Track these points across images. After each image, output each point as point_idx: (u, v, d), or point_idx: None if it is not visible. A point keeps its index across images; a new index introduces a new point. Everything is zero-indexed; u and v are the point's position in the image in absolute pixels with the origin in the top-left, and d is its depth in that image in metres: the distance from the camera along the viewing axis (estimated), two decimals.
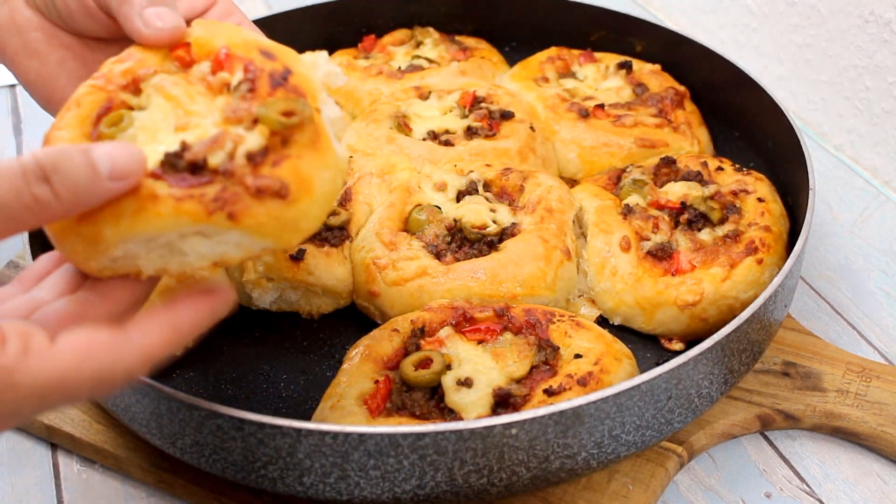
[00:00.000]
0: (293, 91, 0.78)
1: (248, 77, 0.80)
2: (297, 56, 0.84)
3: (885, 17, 1.44)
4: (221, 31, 0.85)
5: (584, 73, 1.53)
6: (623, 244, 1.16)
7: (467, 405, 0.96)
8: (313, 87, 0.81)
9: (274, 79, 0.79)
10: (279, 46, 0.83)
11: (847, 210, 1.47)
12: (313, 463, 0.87)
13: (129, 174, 0.71)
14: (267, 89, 0.78)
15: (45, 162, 0.67)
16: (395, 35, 1.65)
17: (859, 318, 1.28)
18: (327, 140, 0.79)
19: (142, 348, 0.73)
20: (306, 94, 0.79)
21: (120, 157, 0.71)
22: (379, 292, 1.14)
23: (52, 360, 0.68)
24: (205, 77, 0.82)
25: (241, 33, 0.84)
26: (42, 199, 0.67)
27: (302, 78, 0.80)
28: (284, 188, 0.74)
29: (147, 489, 1.05)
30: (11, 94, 1.78)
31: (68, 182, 0.68)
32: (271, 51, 0.82)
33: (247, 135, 0.76)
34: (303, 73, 0.81)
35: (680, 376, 0.92)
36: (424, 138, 1.34)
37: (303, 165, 0.76)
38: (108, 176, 0.70)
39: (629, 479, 1.01)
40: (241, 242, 0.76)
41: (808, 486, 1.06)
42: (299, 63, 0.82)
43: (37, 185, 0.67)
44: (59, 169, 0.68)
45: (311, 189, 0.76)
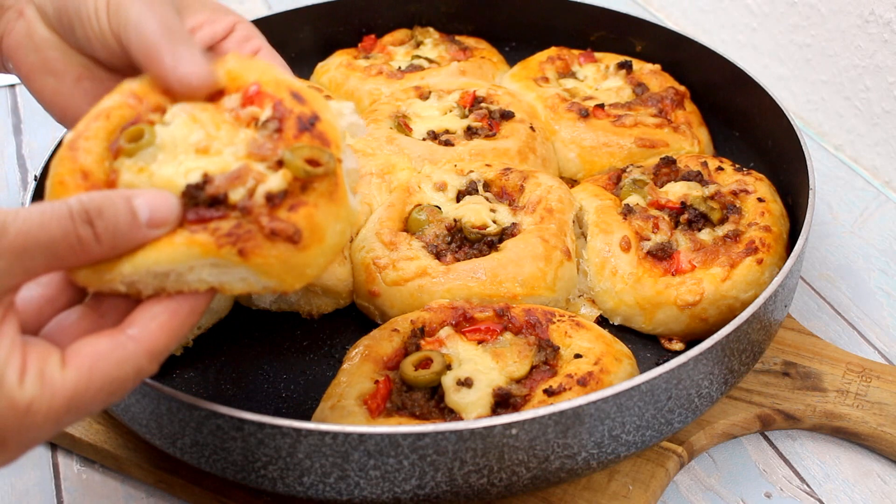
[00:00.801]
0: (319, 138, 0.79)
1: (277, 116, 0.80)
2: (325, 102, 0.84)
3: (885, 17, 1.44)
4: (255, 68, 0.85)
5: (584, 73, 1.53)
6: (623, 244, 1.16)
7: (467, 405, 0.96)
8: (337, 137, 0.81)
9: (302, 123, 0.79)
10: (309, 90, 0.83)
11: (847, 210, 1.47)
12: (313, 463, 0.87)
13: (165, 223, 0.75)
14: (294, 132, 0.79)
15: (90, 207, 0.71)
16: (395, 35, 1.65)
17: (859, 318, 1.28)
18: (344, 192, 0.80)
19: (145, 344, 0.74)
20: (331, 142, 0.80)
21: (159, 207, 0.74)
22: (379, 292, 1.14)
23: (63, 386, 0.70)
24: (233, 109, 0.83)
25: (274, 72, 0.85)
26: (85, 240, 0.71)
27: (329, 126, 0.81)
28: (298, 234, 0.75)
29: (147, 489, 1.05)
30: (11, 94, 1.78)
31: (110, 227, 0.72)
32: (301, 94, 0.82)
33: (269, 175, 0.77)
34: (329, 120, 0.82)
35: (680, 376, 0.92)
36: (424, 138, 1.34)
37: (318, 214, 0.77)
38: (147, 224, 0.74)
39: (629, 479, 1.01)
40: (245, 278, 0.78)
41: (808, 486, 1.06)
42: (327, 110, 0.83)
43: (82, 227, 0.71)
44: (103, 214, 0.71)
45: (322, 238, 0.77)
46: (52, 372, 0.70)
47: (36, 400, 0.69)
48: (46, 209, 0.70)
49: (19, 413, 0.68)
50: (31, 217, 0.68)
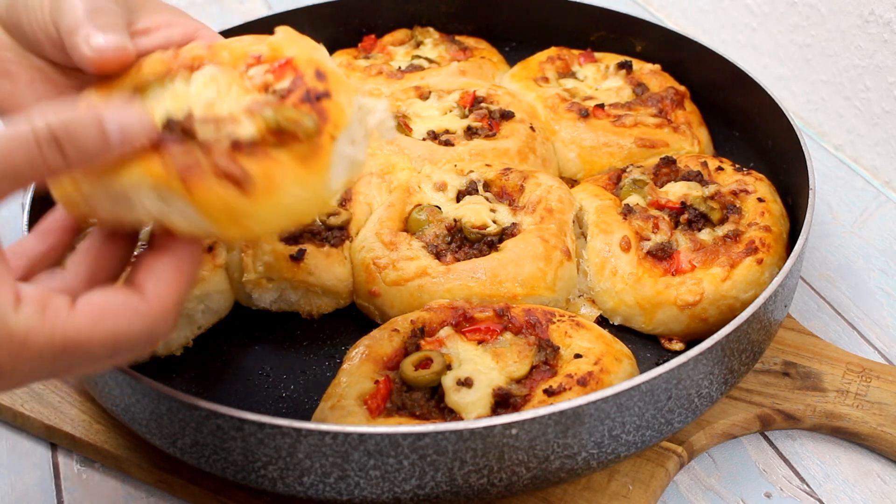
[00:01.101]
0: (318, 111, 0.78)
1: (290, 88, 0.79)
2: (352, 90, 0.82)
3: (885, 17, 1.44)
4: (297, 43, 0.84)
5: (584, 73, 1.53)
6: (623, 244, 1.16)
7: (467, 405, 0.96)
8: (343, 119, 0.79)
9: (308, 95, 0.79)
10: (338, 75, 0.82)
11: (847, 210, 1.47)
12: (313, 463, 0.87)
13: (135, 139, 0.74)
14: (295, 100, 0.78)
15: (59, 130, 0.69)
16: (395, 35, 1.65)
17: (859, 318, 1.28)
18: (324, 165, 0.77)
19: (154, 302, 0.74)
20: (330, 119, 0.78)
21: (130, 125, 0.73)
22: (379, 292, 1.14)
23: (67, 322, 0.70)
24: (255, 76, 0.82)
25: (315, 52, 0.84)
26: (52, 163, 0.70)
27: (336, 106, 0.79)
28: (247, 181, 0.74)
29: (147, 489, 1.05)
30: None
31: (80, 149, 0.71)
32: (326, 73, 0.81)
33: (244, 122, 0.76)
34: (341, 103, 0.80)
35: (680, 376, 0.92)
36: (424, 138, 1.34)
37: (278, 171, 0.75)
38: (118, 142, 0.73)
39: (629, 479, 1.01)
40: (187, 215, 0.76)
41: (808, 486, 1.06)
42: (344, 93, 0.81)
43: (49, 151, 0.69)
44: (73, 138, 0.70)
45: (274, 195, 0.75)
46: (57, 309, 0.70)
47: (33, 330, 0.68)
48: (9, 134, 0.69)
49: (14, 341, 0.68)
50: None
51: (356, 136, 0.82)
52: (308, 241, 1.17)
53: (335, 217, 1.19)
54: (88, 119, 0.71)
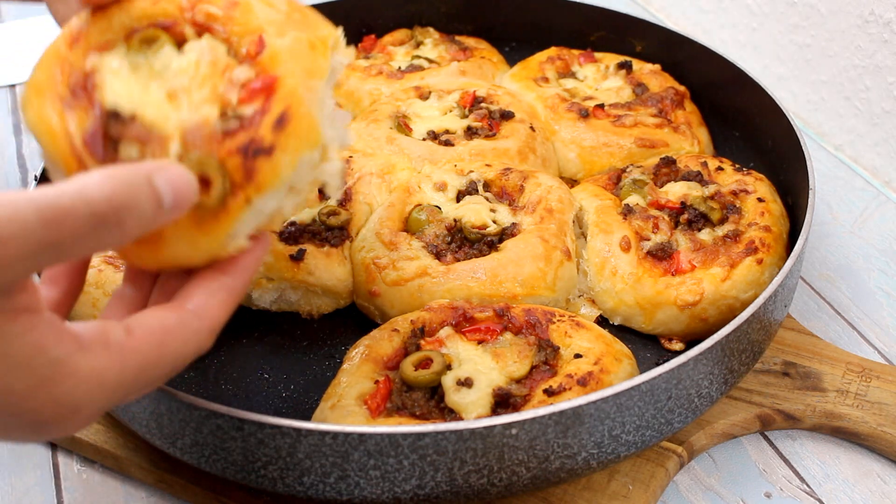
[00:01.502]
0: (245, 170, 0.74)
1: (241, 124, 0.76)
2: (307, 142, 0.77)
3: (885, 17, 1.44)
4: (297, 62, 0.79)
5: (584, 73, 1.53)
6: (623, 244, 1.16)
7: (467, 405, 0.96)
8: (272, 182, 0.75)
9: (247, 148, 0.75)
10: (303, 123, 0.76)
11: (847, 210, 1.47)
12: (313, 463, 0.87)
13: (186, 204, 0.70)
14: (231, 147, 0.75)
15: (120, 205, 0.63)
16: (395, 35, 1.65)
17: (859, 318, 1.28)
18: (221, 230, 0.74)
19: (206, 321, 0.75)
20: (255, 182, 0.74)
21: (180, 187, 0.69)
22: (379, 292, 1.14)
23: (133, 352, 0.69)
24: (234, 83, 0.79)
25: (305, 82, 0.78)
26: (107, 241, 0.65)
27: (272, 166, 0.75)
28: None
29: (147, 489, 1.05)
30: (11, 94, 1.78)
31: (136, 223, 0.65)
32: (289, 120, 0.76)
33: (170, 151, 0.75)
34: (279, 164, 0.75)
35: (680, 376, 0.92)
36: (424, 138, 1.34)
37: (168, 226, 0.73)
38: (169, 210, 0.68)
39: (629, 479, 1.01)
40: None
41: (808, 486, 1.06)
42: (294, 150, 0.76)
43: (106, 232, 0.63)
44: (131, 209, 0.64)
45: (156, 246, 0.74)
46: (119, 339, 0.69)
47: (105, 368, 0.67)
48: (59, 209, 0.61)
49: (90, 382, 0.66)
50: (31, 222, 0.60)
51: (296, 183, 0.79)
52: (308, 241, 1.17)
53: (335, 217, 1.19)
54: (141, 181, 0.65)
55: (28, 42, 1.90)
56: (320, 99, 0.79)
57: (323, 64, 0.81)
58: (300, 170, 0.78)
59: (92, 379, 0.67)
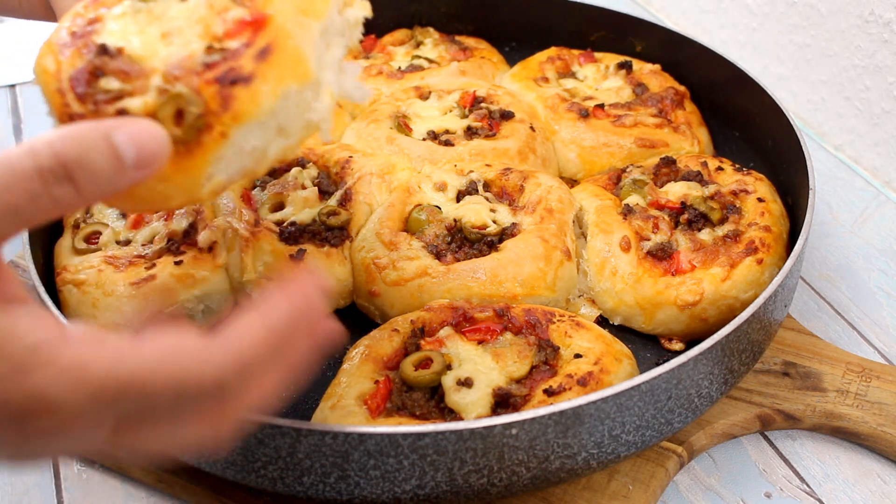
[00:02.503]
0: (222, 97, 0.73)
1: (225, 55, 0.75)
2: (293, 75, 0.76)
3: (885, 17, 1.44)
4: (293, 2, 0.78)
5: (584, 73, 1.53)
6: (623, 244, 1.16)
7: (467, 405, 0.96)
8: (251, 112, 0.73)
9: (223, 77, 0.73)
10: (288, 55, 0.75)
11: (847, 210, 1.47)
12: (313, 463, 0.87)
13: (154, 161, 0.66)
14: (209, 77, 0.73)
15: (67, 158, 0.61)
16: (395, 35, 1.65)
17: (859, 318, 1.28)
18: (195, 166, 0.72)
19: (234, 350, 0.64)
20: (231, 110, 0.72)
21: (145, 144, 0.65)
22: (379, 292, 1.14)
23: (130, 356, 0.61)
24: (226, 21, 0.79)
25: (298, 20, 0.77)
26: (62, 200, 0.61)
27: (250, 95, 0.73)
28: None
29: (147, 489, 1.05)
30: (11, 94, 1.78)
31: (92, 179, 0.62)
32: (273, 51, 0.75)
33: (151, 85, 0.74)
34: (259, 92, 0.74)
35: (680, 376, 0.92)
36: (424, 138, 1.34)
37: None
38: (134, 166, 0.64)
39: (629, 479, 1.01)
40: None
41: (808, 486, 1.06)
42: (276, 81, 0.75)
43: (58, 187, 0.60)
44: (83, 165, 0.61)
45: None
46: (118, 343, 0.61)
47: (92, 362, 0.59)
48: (8, 168, 0.59)
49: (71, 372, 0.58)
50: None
51: (283, 123, 0.76)
52: (308, 241, 1.17)
53: (335, 217, 1.19)
54: (97, 138, 0.63)
55: (28, 42, 1.90)
56: (313, 36, 0.77)
57: (319, 5, 0.79)
58: (285, 105, 0.75)
59: (73, 370, 0.58)
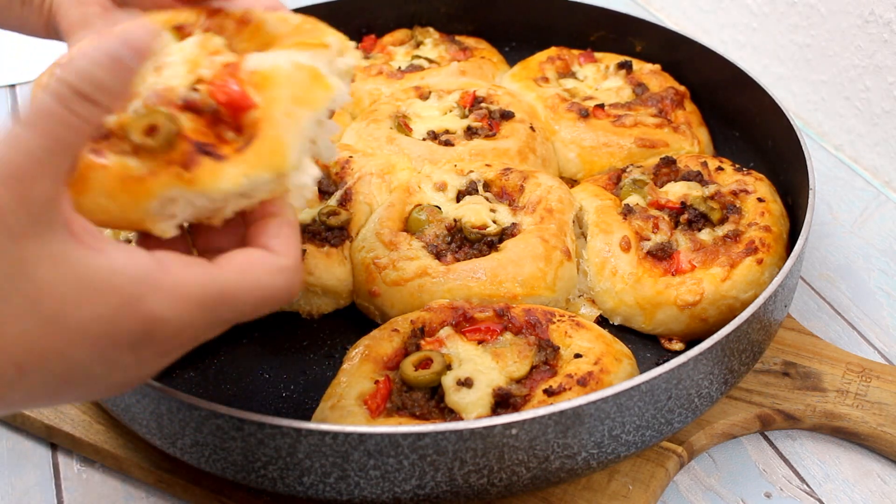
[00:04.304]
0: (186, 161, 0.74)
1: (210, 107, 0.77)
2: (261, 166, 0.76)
3: (885, 17, 1.44)
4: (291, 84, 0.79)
5: (584, 73, 1.53)
6: (623, 244, 1.16)
7: (467, 405, 0.96)
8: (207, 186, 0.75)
9: (198, 147, 0.75)
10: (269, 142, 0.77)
11: (847, 210, 1.47)
12: (313, 463, 0.87)
13: (147, 48, 0.70)
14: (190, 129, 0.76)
15: (73, 80, 0.66)
16: (395, 35, 1.65)
17: (859, 318, 1.28)
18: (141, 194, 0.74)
19: (291, 259, 0.77)
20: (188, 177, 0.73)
21: (137, 40, 0.69)
22: (379, 292, 1.14)
23: (216, 274, 0.71)
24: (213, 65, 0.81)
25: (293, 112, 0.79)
26: (90, 116, 0.67)
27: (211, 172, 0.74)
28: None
29: (147, 489, 1.05)
30: (11, 94, 1.78)
31: (107, 90, 0.67)
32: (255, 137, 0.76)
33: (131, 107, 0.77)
34: (222, 173, 0.75)
35: (680, 376, 0.92)
36: (424, 138, 1.34)
37: (95, 174, 0.74)
38: (134, 61, 0.69)
39: (629, 479, 1.01)
40: None
41: (808, 486, 1.06)
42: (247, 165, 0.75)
43: (80, 107, 0.66)
44: (100, 85, 0.67)
45: (82, 192, 0.74)
46: (202, 263, 0.71)
47: (188, 281, 0.69)
48: (34, 109, 0.65)
49: (175, 291, 0.68)
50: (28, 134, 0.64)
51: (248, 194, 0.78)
52: (308, 241, 1.17)
53: (335, 217, 1.19)
54: (92, 50, 0.67)
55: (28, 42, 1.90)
56: (302, 127, 0.78)
57: (318, 96, 0.81)
58: (251, 187, 0.77)
59: (176, 291, 0.68)
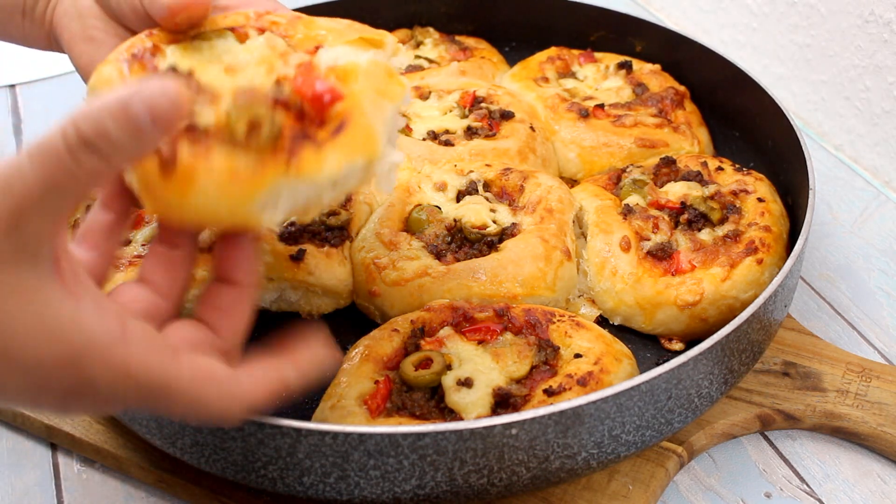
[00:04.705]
0: (290, 149, 0.74)
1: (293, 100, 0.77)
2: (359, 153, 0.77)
3: (885, 17, 1.44)
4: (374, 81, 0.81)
5: (584, 73, 1.53)
6: (623, 244, 1.16)
7: (467, 405, 0.96)
8: (309, 172, 0.74)
9: (300, 131, 0.75)
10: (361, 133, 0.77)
11: (847, 210, 1.47)
12: (313, 463, 0.87)
13: (171, 117, 0.67)
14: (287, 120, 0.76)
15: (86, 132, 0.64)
16: (395, 35, 1.65)
17: (859, 318, 1.28)
18: (252, 188, 0.73)
19: (247, 393, 0.76)
20: (294, 164, 0.73)
21: (158, 102, 0.66)
22: (379, 292, 1.14)
23: (168, 367, 0.71)
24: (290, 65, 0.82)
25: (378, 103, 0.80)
26: (95, 170, 0.65)
27: (315, 158, 0.74)
28: (169, 163, 0.73)
29: (147, 489, 1.05)
30: (11, 94, 1.78)
31: (113, 146, 0.65)
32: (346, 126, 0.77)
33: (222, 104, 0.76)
34: (324, 159, 0.75)
35: (680, 376, 0.92)
36: (424, 138, 1.34)
37: (202, 168, 0.73)
38: (152, 126, 0.67)
39: (629, 479, 1.01)
40: None
41: (808, 486, 1.06)
42: (344, 153, 0.76)
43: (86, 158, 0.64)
44: (101, 135, 0.65)
45: (187, 189, 0.74)
46: (158, 351, 0.71)
47: (140, 364, 0.69)
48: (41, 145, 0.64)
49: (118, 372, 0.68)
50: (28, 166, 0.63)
51: (342, 182, 0.78)
52: (308, 241, 1.17)
53: (335, 217, 1.19)
54: (113, 104, 0.65)
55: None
56: (387, 117, 0.81)
57: (396, 89, 0.84)
58: (348, 174, 0.78)
59: (120, 369, 0.68)
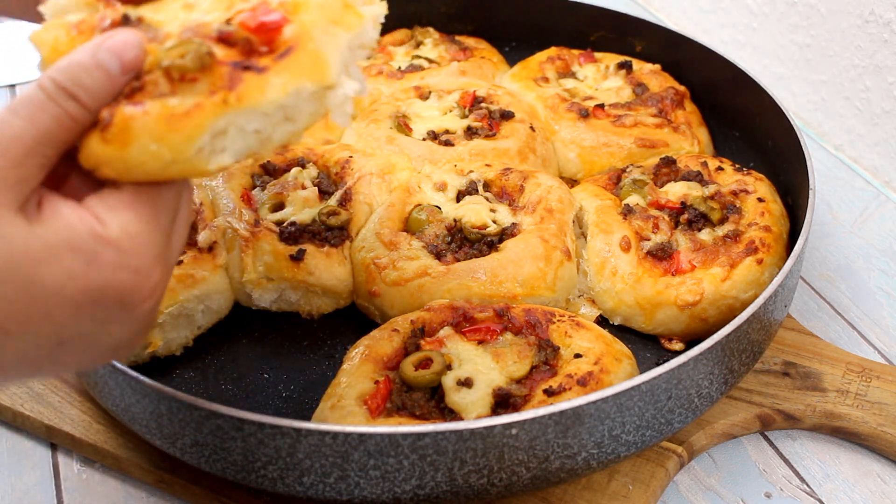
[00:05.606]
0: (230, 78, 0.72)
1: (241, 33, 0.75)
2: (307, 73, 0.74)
3: (885, 17, 1.44)
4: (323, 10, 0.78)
5: (584, 73, 1.53)
6: (623, 244, 1.16)
7: (467, 405, 0.96)
8: (253, 100, 0.72)
9: (237, 64, 0.73)
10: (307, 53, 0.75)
11: (847, 210, 1.47)
12: (313, 463, 0.87)
13: (135, 63, 0.73)
14: (223, 52, 0.73)
15: (65, 81, 0.70)
16: (395, 35, 1.65)
17: (859, 318, 1.28)
18: (191, 129, 0.71)
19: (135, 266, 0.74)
20: (236, 92, 0.71)
21: (124, 51, 0.72)
22: (379, 292, 1.14)
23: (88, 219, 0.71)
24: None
25: (325, 28, 0.77)
26: (77, 114, 0.70)
27: (258, 83, 0.72)
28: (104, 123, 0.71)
29: (147, 489, 1.05)
30: (11, 94, 1.78)
31: (90, 91, 0.71)
32: (293, 49, 0.74)
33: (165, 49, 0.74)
34: (267, 83, 0.72)
35: (680, 376, 0.92)
36: (424, 138, 1.34)
37: (137, 122, 0.71)
38: (119, 71, 0.72)
39: (629, 479, 1.01)
40: None
41: (808, 486, 1.06)
42: (290, 75, 0.73)
43: (66, 103, 0.70)
44: (78, 84, 0.70)
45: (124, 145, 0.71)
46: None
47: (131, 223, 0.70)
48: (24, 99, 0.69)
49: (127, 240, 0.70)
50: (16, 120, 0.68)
51: (292, 114, 0.75)
52: (308, 241, 1.17)
53: (335, 217, 1.19)
54: (84, 57, 0.71)
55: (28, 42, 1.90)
56: (339, 45, 0.78)
57: (352, 19, 0.80)
58: (297, 100, 0.75)
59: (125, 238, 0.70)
